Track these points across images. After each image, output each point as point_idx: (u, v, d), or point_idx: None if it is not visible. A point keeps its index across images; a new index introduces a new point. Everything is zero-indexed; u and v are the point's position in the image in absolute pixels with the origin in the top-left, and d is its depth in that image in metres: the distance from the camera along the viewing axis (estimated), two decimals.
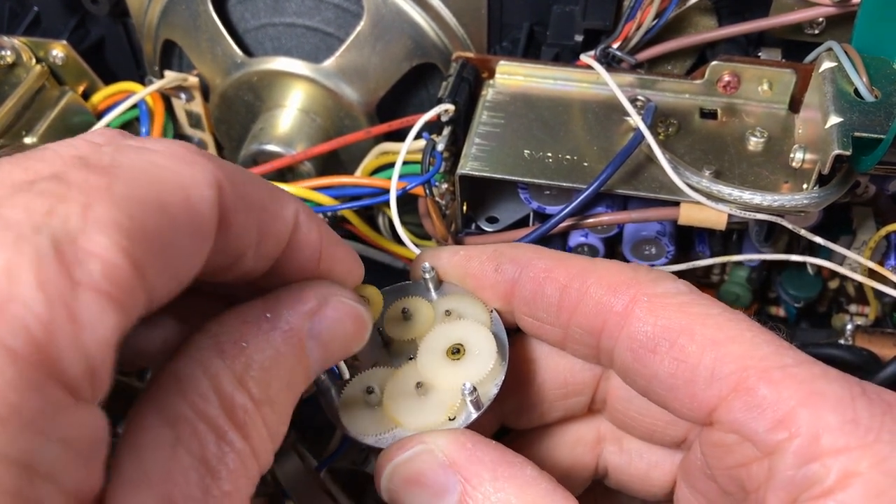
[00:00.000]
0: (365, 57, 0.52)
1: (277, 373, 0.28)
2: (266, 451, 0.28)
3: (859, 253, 0.49)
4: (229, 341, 0.28)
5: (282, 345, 0.29)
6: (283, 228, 0.30)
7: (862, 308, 0.54)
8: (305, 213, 0.31)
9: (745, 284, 0.55)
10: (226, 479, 0.25)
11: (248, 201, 0.28)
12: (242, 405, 0.27)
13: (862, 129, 0.38)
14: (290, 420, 0.29)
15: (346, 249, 0.34)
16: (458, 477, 0.30)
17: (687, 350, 0.31)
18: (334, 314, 0.31)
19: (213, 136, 0.61)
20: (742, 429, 0.29)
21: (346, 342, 0.32)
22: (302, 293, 0.31)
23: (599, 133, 0.45)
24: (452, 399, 0.33)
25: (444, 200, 0.47)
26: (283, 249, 0.31)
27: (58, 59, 0.56)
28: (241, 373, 0.27)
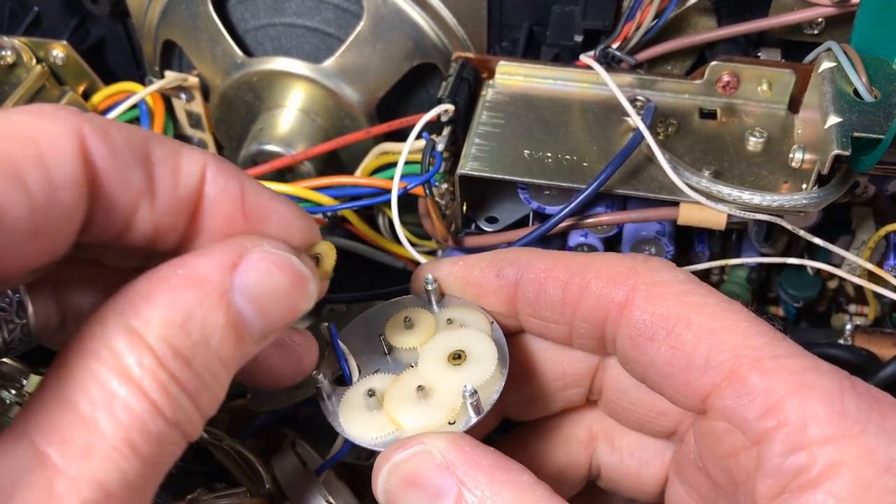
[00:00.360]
0: (365, 57, 0.52)
1: (191, 329, 0.27)
2: (183, 408, 0.27)
3: (858, 253, 0.49)
4: (135, 299, 0.27)
5: (193, 299, 0.27)
6: (183, 181, 0.30)
7: (861, 308, 0.54)
8: (217, 165, 0.30)
9: (745, 284, 0.55)
10: (113, 435, 0.25)
11: (129, 154, 0.28)
12: (138, 362, 0.26)
13: (861, 130, 0.38)
14: (225, 380, 0.28)
15: (285, 205, 0.32)
16: (455, 479, 0.30)
17: (683, 338, 0.31)
18: (260, 265, 0.29)
19: (213, 136, 0.61)
20: (732, 416, 0.30)
21: (282, 296, 0.30)
22: (219, 245, 0.29)
23: (599, 133, 0.45)
24: (453, 403, 0.34)
25: (443, 200, 0.47)
26: (195, 206, 0.30)
27: (58, 59, 0.56)
28: (140, 329, 0.26)
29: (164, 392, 0.26)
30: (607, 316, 0.34)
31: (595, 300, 0.34)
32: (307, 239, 0.33)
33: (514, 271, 0.37)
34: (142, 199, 0.29)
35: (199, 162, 0.30)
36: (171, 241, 0.31)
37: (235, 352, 0.29)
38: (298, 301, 0.31)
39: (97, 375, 0.26)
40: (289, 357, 0.35)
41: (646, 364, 0.33)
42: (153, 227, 0.30)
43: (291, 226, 0.32)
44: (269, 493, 0.38)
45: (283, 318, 0.30)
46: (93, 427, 0.25)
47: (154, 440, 0.26)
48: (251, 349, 0.30)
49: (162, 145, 0.29)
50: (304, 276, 0.30)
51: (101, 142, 0.27)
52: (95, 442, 0.25)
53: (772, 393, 0.29)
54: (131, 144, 0.28)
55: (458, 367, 0.35)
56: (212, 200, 0.30)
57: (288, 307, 0.30)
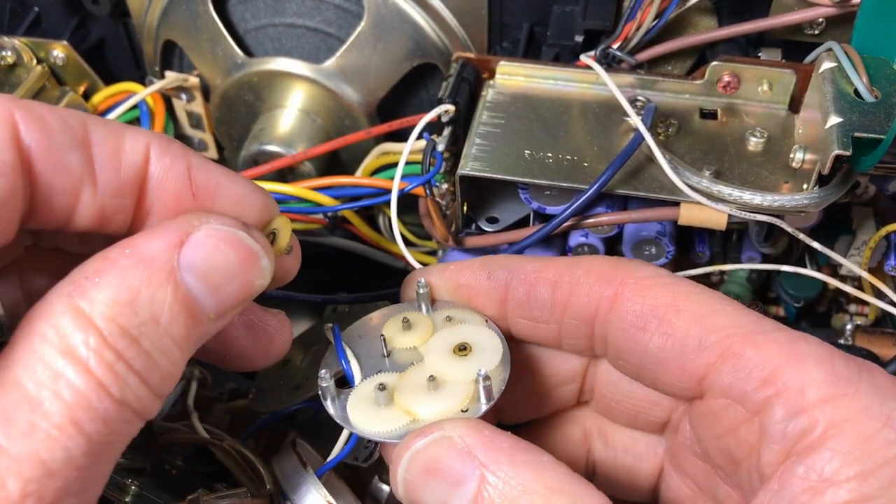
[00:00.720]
0: (365, 57, 0.52)
1: (139, 308, 0.27)
2: (130, 386, 0.27)
3: (859, 253, 0.49)
4: (81, 279, 0.27)
5: (140, 278, 0.27)
6: (125, 162, 0.29)
7: (861, 308, 0.55)
8: (162, 145, 0.30)
9: (745, 284, 0.55)
10: (57, 414, 0.25)
11: (65, 138, 0.28)
12: (84, 341, 0.26)
13: (862, 130, 0.38)
14: (178, 359, 0.28)
15: (236, 181, 0.32)
16: (477, 463, 0.29)
17: (674, 324, 0.32)
18: (208, 242, 0.29)
19: (213, 136, 0.61)
20: (731, 391, 0.31)
21: (233, 273, 0.30)
22: (165, 224, 0.29)
23: (599, 133, 0.45)
24: (464, 391, 0.34)
25: (444, 201, 0.47)
26: (143, 186, 0.30)
27: (58, 59, 0.56)
28: (86, 309, 0.26)
29: (111, 371, 0.26)
30: (597, 311, 0.35)
31: (585, 296, 0.35)
32: (263, 215, 0.33)
33: (504, 273, 0.37)
34: (82, 183, 0.29)
35: (141, 142, 0.30)
36: (119, 223, 0.31)
37: (189, 330, 0.28)
38: (251, 277, 0.30)
39: (43, 356, 0.26)
40: (259, 338, 0.35)
41: (640, 353, 0.34)
42: (98, 210, 0.30)
43: (244, 202, 0.32)
44: (269, 494, 0.38)
45: (237, 295, 0.30)
46: (37, 406, 0.25)
47: (100, 419, 0.26)
48: (208, 327, 0.29)
49: (101, 127, 0.29)
50: (255, 252, 0.30)
51: (35, 127, 0.28)
52: (39, 421, 0.25)
53: (767, 364, 0.30)
54: (67, 128, 0.28)
55: (464, 358, 0.35)
56: (158, 180, 0.30)
57: (240, 283, 0.30)
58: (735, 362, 0.31)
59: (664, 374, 0.33)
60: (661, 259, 0.47)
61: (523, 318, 0.37)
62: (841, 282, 0.48)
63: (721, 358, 0.31)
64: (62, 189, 0.29)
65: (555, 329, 0.37)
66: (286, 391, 0.45)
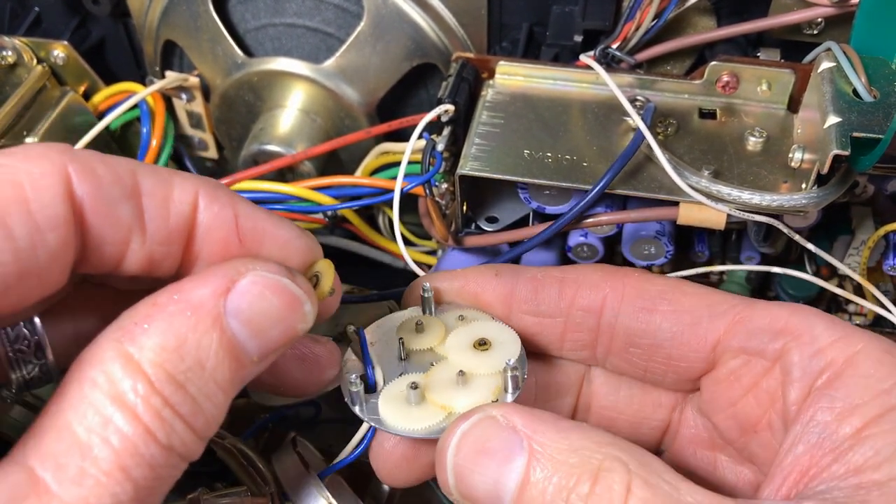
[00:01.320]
0: (365, 57, 0.53)
1: (185, 354, 0.28)
2: (177, 431, 0.27)
3: (858, 253, 0.49)
4: (130, 325, 0.28)
5: (187, 324, 0.28)
6: (174, 211, 0.30)
7: (861, 307, 0.55)
8: (210, 192, 0.31)
9: (744, 283, 0.55)
10: (106, 460, 0.26)
11: (117, 189, 0.29)
12: (132, 387, 0.26)
13: (860, 130, 0.39)
14: (222, 402, 0.29)
15: (281, 226, 0.33)
16: (523, 436, 0.29)
17: (683, 302, 0.36)
18: (253, 289, 0.30)
19: (213, 136, 0.61)
20: (749, 347, 0.34)
21: (277, 318, 0.30)
22: (212, 271, 0.30)
23: (599, 133, 0.45)
24: (492, 383, 0.35)
25: (444, 200, 0.47)
26: (191, 233, 0.31)
27: (59, 59, 0.56)
28: (135, 355, 0.27)
29: (158, 417, 0.27)
30: (605, 301, 0.37)
31: (591, 289, 0.37)
32: (306, 258, 0.34)
33: (510, 272, 0.38)
34: (132, 232, 0.30)
35: (190, 190, 0.31)
36: (167, 267, 0.31)
37: (232, 373, 0.29)
38: (294, 322, 0.31)
39: (93, 401, 0.26)
40: (311, 369, 0.36)
41: (652, 333, 0.36)
42: (147, 257, 0.30)
43: (289, 246, 0.33)
44: (270, 493, 0.38)
45: (280, 339, 0.31)
46: (87, 452, 0.26)
47: (147, 464, 0.26)
48: (251, 370, 0.30)
49: (151, 176, 0.30)
50: (299, 298, 0.31)
51: (88, 180, 0.28)
52: (88, 467, 0.26)
53: (777, 321, 0.34)
54: (118, 179, 0.29)
55: (486, 352, 0.37)
56: (206, 227, 0.31)
57: (284, 328, 0.31)
58: (748, 325, 0.34)
59: (678, 347, 0.36)
60: (661, 259, 0.47)
61: (529, 314, 0.38)
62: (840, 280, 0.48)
63: (733, 324, 0.35)
64: (112, 239, 0.29)
65: (560, 324, 0.38)
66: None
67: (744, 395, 0.35)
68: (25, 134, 0.52)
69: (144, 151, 0.56)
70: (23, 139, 0.52)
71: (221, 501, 0.38)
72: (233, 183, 0.52)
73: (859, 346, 0.31)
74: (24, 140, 0.52)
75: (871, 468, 0.28)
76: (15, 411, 0.41)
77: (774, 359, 0.33)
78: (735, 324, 0.35)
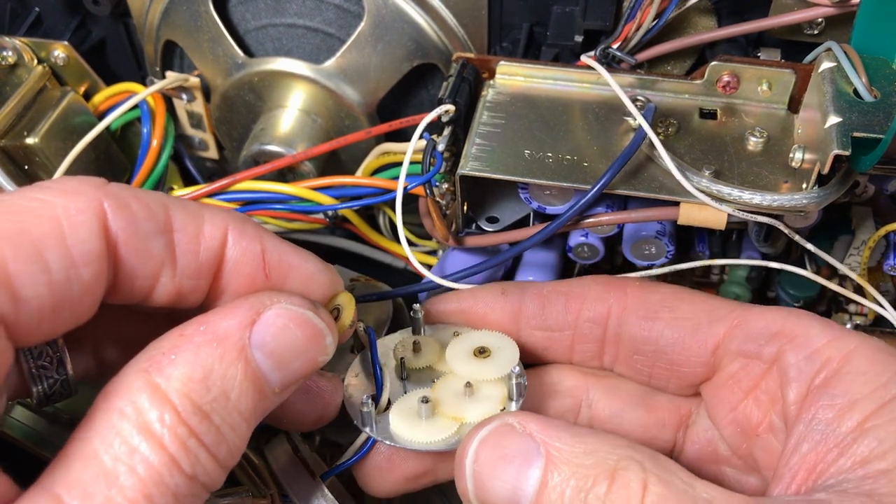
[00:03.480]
0: (366, 57, 0.53)
1: (211, 384, 0.28)
2: (201, 461, 0.28)
3: (858, 252, 0.49)
4: (158, 355, 0.29)
5: (213, 355, 0.29)
6: (204, 246, 0.31)
7: (861, 307, 0.55)
8: (238, 228, 0.32)
9: (745, 284, 0.55)
10: (131, 489, 0.26)
11: (150, 225, 0.30)
12: (159, 418, 0.27)
13: (861, 129, 0.39)
14: (244, 432, 0.30)
15: (306, 260, 0.34)
16: (539, 441, 0.30)
17: (683, 309, 0.38)
18: (278, 321, 0.31)
19: (214, 136, 0.61)
20: (746, 350, 0.35)
21: (299, 350, 0.31)
22: (239, 303, 0.31)
23: (599, 133, 0.45)
24: (499, 392, 0.36)
25: (444, 200, 0.47)
26: (219, 267, 0.32)
27: (59, 59, 0.56)
28: (162, 385, 0.28)
29: (183, 447, 0.27)
30: (609, 311, 0.38)
31: (596, 300, 0.39)
32: (328, 291, 0.35)
33: (517, 290, 0.40)
34: (164, 266, 0.31)
35: (220, 227, 0.31)
36: (195, 299, 0.32)
37: (255, 404, 0.30)
38: (316, 354, 0.32)
39: (120, 430, 0.27)
40: (315, 402, 0.37)
41: (654, 340, 0.38)
42: (176, 290, 0.31)
43: (312, 280, 0.34)
44: (270, 494, 0.38)
45: (301, 371, 0.32)
46: (113, 481, 0.26)
47: (171, 493, 0.27)
48: (272, 401, 0.31)
49: (182, 211, 0.31)
50: (321, 331, 0.32)
51: (122, 216, 0.29)
52: (114, 495, 0.26)
53: (773, 324, 0.35)
54: (152, 215, 0.30)
55: (488, 359, 0.37)
56: (234, 262, 0.32)
57: (306, 360, 0.32)
58: (745, 328, 0.36)
59: (680, 351, 0.37)
60: (661, 258, 0.47)
61: (538, 329, 0.40)
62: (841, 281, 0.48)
63: (732, 329, 0.36)
64: (144, 272, 0.30)
65: (568, 336, 0.39)
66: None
67: (744, 397, 0.36)
68: (26, 134, 0.52)
69: (145, 152, 0.56)
70: (23, 139, 0.52)
71: (222, 501, 0.38)
72: (233, 183, 0.52)
73: (852, 345, 0.33)
74: (24, 140, 0.52)
75: (877, 458, 0.29)
76: (16, 411, 0.41)
77: (771, 361, 0.35)
78: (733, 328, 0.36)
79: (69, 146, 0.53)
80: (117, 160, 0.58)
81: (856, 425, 0.30)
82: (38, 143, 0.52)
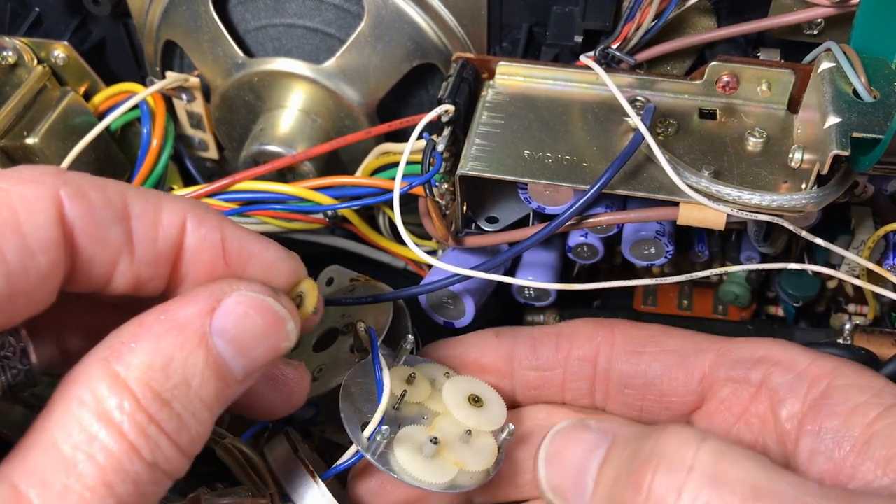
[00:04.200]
0: (365, 57, 0.53)
1: (171, 372, 0.28)
2: (161, 449, 0.28)
3: (858, 253, 0.49)
4: (117, 344, 0.29)
5: (174, 343, 0.29)
6: (162, 234, 0.31)
7: (860, 307, 0.55)
8: (197, 216, 0.32)
9: (744, 284, 0.55)
10: (90, 477, 0.26)
11: (107, 213, 0.30)
12: (118, 405, 0.27)
13: (860, 130, 0.39)
14: (207, 420, 0.30)
15: (266, 247, 0.34)
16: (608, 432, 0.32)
17: (669, 342, 0.39)
18: (238, 308, 0.31)
19: (214, 136, 0.61)
20: (734, 375, 0.37)
21: (260, 337, 0.31)
22: (199, 291, 0.31)
23: (599, 133, 0.45)
24: (491, 442, 0.39)
25: (444, 200, 0.47)
26: (178, 255, 0.32)
27: (59, 59, 0.56)
28: (122, 373, 0.28)
29: (143, 434, 0.27)
30: (598, 349, 0.40)
31: (586, 339, 0.41)
32: (290, 278, 0.35)
33: (510, 333, 0.42)
34: (121, 254, 0.30)
35: (178, 214, 0.31)
36: (154, 288, 0.32)
37: (218, 391, 0.30)
38: (278, 341, 0.32)
39: (79, 419, 0.27)
40: (280, 390, 0.37)
41: (643, 373, 0.39)
42: (134, 278, 0.31)
43: (273, 267, 0.34)
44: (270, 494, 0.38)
45: (264, 358, 0.32)
46: (72, 469, 0.26)
47: (131, 481, 0.27)
48: (235, 389, 0.31)
49: (140, 199, 0.31)
50: (282, 317, 0.32)
51: (79, 204, 0.29)
52: (73, 484, 0.26)
53: (757, 351, 0.37)
54: (109, 203, 0.30)
55: (482, 410, 0.39)
56: (193, 249, 0.32)
57: (268, 347, 0.32)
58: (731, 355, 0.37)
59: (668, 382, 0.39)
60: (661, 259, 0.47)
61: (531, 370, 0.41)
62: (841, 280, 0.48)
63: (717, 356, 0.38)
64: (101, 260, 0.30)
65: (560, 375, 0.41)
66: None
67: (735, 422, 0.37)
68: (26, 134, 0.52)
69: (145, 152, 0.56)
70: (23, 139, 0.52)
71: (222, 501, 0.38)
72: (233, 183, 0.52)
73: (834, 363, 0.34)
74: (24, 140, 0.52)
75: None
76: (16, 412, 0.41)
77: (759, 383, 0.36)
78: (719, 357, 0.37)
79: (69, 146, 0.53)
80: (117, 160, 0.58)
81: (865, 427, 0.31)
82: (38, 143, 0.52)
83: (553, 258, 0.51)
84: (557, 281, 0.50)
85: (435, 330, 0.50)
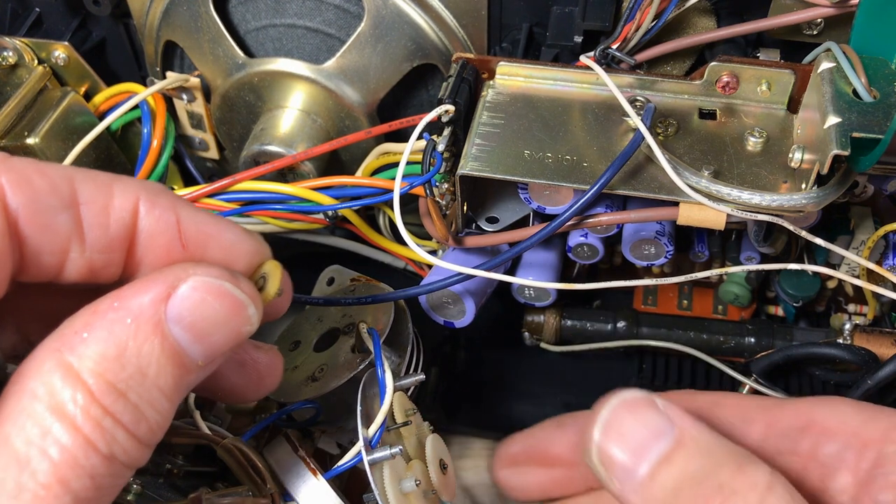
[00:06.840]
0: (366, 58, 0.53)
1: (126, 362, 0.27)
2: (118, 441, 0.27)
3: (858, 253, 0.49)
4: (70, 333, 0.28)
5: (127, 332, 0.28)
6: (114, 219, 0.30)
7: (860, 307, 0.55)
8: (150, 198, 0.31)
9: (744, 284, 0.55)
10: (44, 472, 0.25)
11: (53, 199, 0.29)
12: (72, 398, 0.26)
13: (860, 130, 0.39)
14: (166, 408, 0.29)
15: (226, 229, 0.33)
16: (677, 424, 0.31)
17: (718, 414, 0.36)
18: (194, 294, 0.29)
19: (214, 136, 0.61)
20: (782, 448, 0.35)
21: (219, 322, 0.30)
22: (153, 277, 0.29)
23: (599, 133, 0.45)
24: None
25: (444, 200, 0.47)
26: (133, 239, 0.31)
27: (60, 59, 0.56)
28: (75, 364, 0.27)
29: (98, 427, 0.26)
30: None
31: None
32: (252, 260, 0.33)
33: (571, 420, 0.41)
34: (70, 242, 0.30)
35: (130, 198, 0.30)
36: (110, 274, 0.31)
37: (176, 380, 0.29)
38: (238, 325, 0.31)
39: (32, 413, 0.26)
40: (251, 375, 0.36)
41: None
42: (87, 265, 0.30)
43: (234, 249, 0.33)
44: (270, 494, 0.38)
45: (224, 343, 0.30)
46: (25, 465, 0.25)
47: (87, 475, 0.26)
48: (196, 375, 0.30)
49: (89, 184, 0.30)
50: (242, 302, 0.30)
51: (22, 191, 0.28)
52: (26, 481, 0.25)
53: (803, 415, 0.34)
54: (55, 189, 0.29)
55: (445, 477, 0.41)
56: (148, 233, 0.31)
57: (228, 332, 0.30)
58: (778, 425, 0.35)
59: None
60: (661, 259, 0.47)
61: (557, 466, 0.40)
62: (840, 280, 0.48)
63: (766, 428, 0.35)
64: (50, 249, 0.29)
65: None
66: (304, 384, 0.45)
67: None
68: (26, 134, 0.52)
69: (145, 152, 0.57)
70: (24, 139, 0.52)
71: (222, 501, 0.38)
72: (233, 183, 0.52)
73: (886, 423, 0.32)
74: (25, 140, 0.52)
75: None
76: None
77: (808, 455, 0.34)
78: (767, 428, 0.35)
79: (69, 146, 0.53)
80: (118, 160, 0.58)
81: None
82: (39, 144, 0.52)
83: (553, 258, 0.51)
84: (557, 281, 0.50)
85: (435, 330, 0.50)
